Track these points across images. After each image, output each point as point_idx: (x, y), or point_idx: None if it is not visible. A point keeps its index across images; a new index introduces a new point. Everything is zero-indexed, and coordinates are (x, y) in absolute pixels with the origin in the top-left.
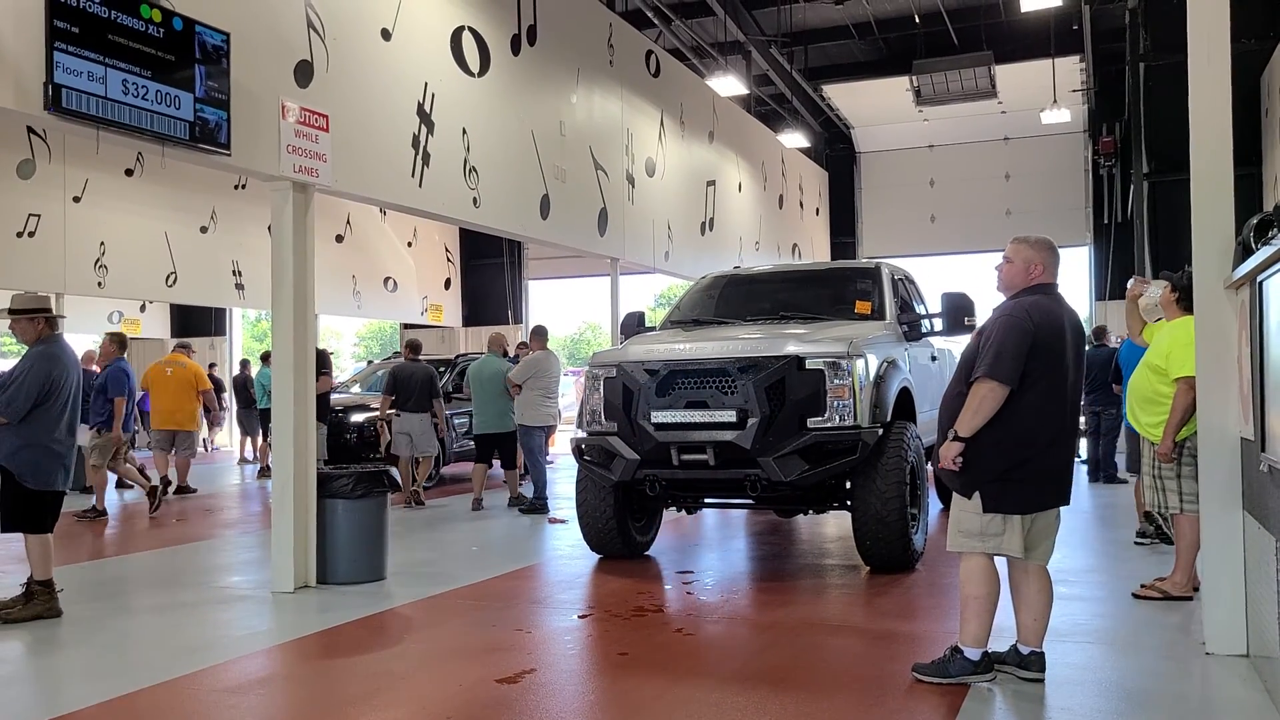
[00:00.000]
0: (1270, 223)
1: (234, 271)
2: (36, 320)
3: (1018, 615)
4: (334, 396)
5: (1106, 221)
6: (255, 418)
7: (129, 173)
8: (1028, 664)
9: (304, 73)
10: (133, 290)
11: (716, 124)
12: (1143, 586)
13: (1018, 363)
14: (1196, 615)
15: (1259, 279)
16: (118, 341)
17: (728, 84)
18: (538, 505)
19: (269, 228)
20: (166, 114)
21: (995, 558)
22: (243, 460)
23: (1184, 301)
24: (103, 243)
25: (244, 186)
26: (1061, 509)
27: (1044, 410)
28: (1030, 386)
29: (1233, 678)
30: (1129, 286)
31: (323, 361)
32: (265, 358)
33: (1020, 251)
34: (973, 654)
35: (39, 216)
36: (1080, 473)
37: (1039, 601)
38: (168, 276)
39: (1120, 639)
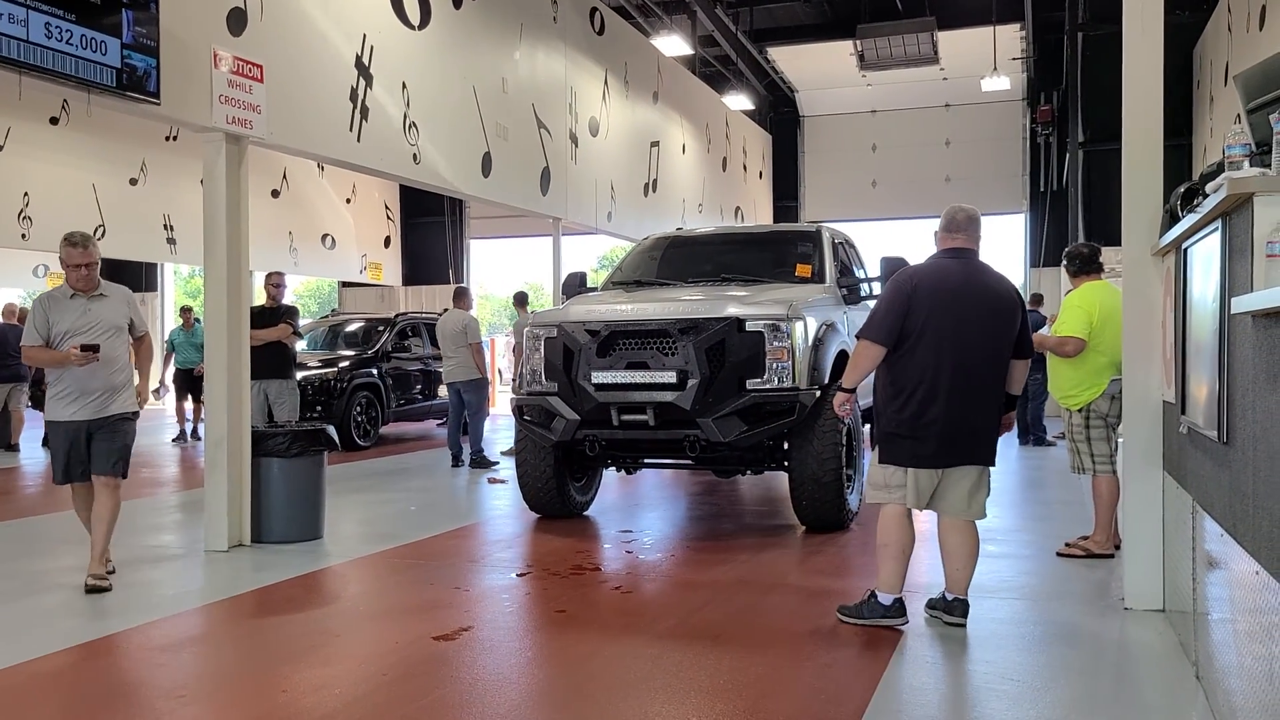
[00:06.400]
0: (1196, 191)
1: (165, 226)
2: None
3: (944, 565)
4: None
5: (1043, 189)
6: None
7: (54, 121)
8: (951, 609)
9: (237, 20)
10: (59, 243)
11: (661, 85)
12: (1066, 545)
13: (889, 322)
14: (1117, 572)
15: (1184, 246)
16: None
17: (672, 44)
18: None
19: (201, 181)
20: (92, 60)
21: (914, 511)
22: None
23: (1081, 271)
24: (26, 194)
25: (175, 138)
26: (992, 470)
27: (921, 368)
28: (912, 346)
29: (1149, 631)
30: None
31: (292, 316)
32: (185, 313)
33: (941, 219)
34: (885, 599)
35: None
36: (1010, 434)
37: (960, 553)
38: (96, 229)
39: (1044, 595)
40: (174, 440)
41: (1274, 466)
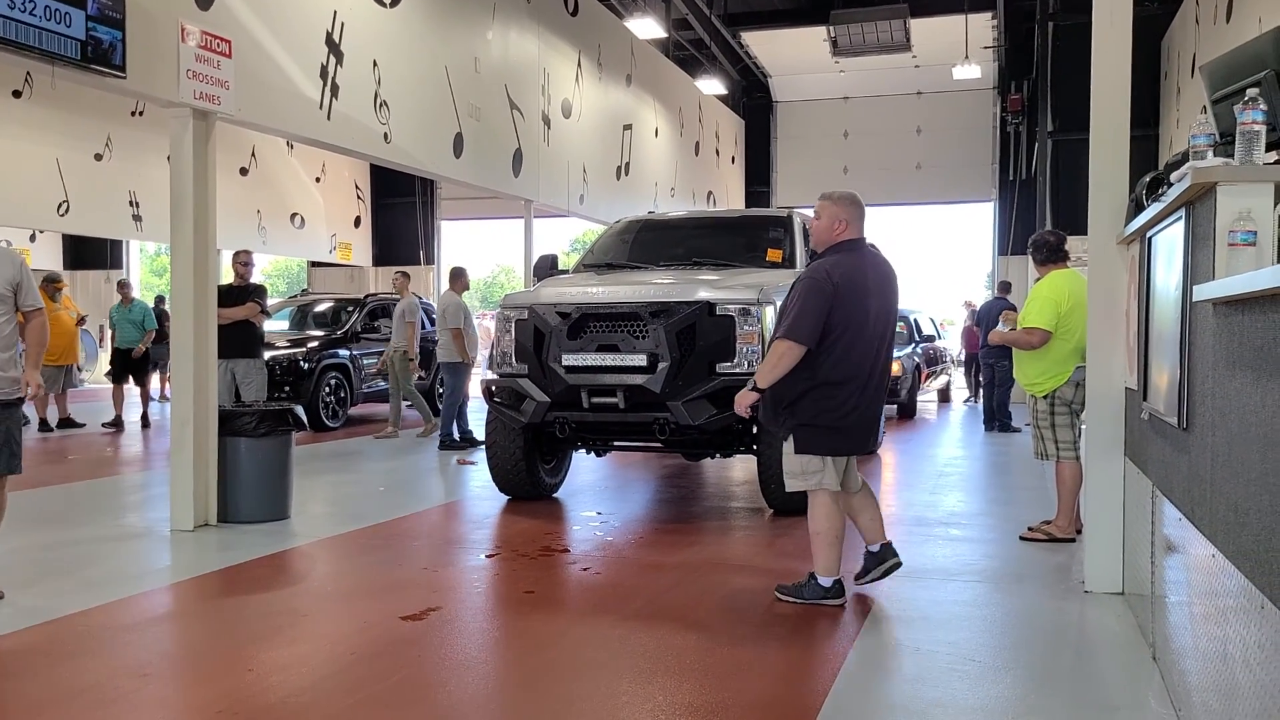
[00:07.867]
0: (1162, 181)
1: (131, 202)
2: None
3: (857, 523)
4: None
5: (1012, 178)
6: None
7: (17, 94)
8: (883, 557)
9: None
10: (21, 219)
11: (634, 67)
12: (1029, 529)
13: (816, 323)
14: (1078, 556)
15: (1149, 235)
16: None
17: (646, 26)
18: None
19: (168, 157)
20: (56, 31)
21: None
22: (163, 398)
23: (1048, 260)
24: None
25: (141, 113)
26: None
27: (844, 363)
28: (833, 343)
29: (1107, 614)
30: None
31: (260, 295)
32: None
33: (826, 209)
34: (825, 581)
35: None
36: (976, 421)
37: (866, 503)
38: (59, 205)
39: (1006, 578)
40: (105, 425)
41: (1232, 452)
